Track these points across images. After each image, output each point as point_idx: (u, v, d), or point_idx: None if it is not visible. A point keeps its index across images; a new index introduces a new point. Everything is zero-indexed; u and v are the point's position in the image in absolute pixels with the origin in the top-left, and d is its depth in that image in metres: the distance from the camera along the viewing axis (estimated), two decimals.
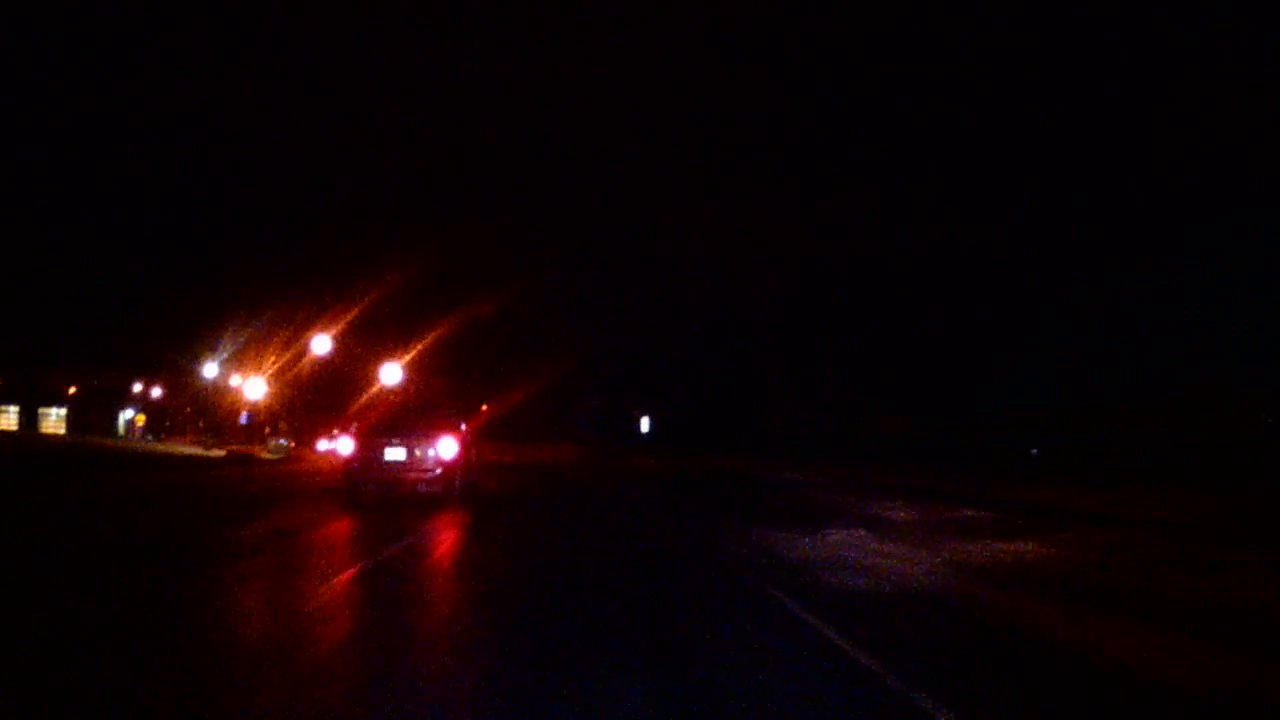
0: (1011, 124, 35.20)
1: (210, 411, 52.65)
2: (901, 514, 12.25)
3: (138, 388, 52.83)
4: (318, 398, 47.52)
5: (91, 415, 55.97)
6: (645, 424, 32.72)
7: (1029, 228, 32.44)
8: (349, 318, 38.55)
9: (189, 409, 53.38)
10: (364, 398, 42.07)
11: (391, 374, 34.97)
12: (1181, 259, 30.48)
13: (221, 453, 34.69)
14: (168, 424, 54.12)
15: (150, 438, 50.58)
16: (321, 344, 39.07)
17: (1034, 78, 35.84)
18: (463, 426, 14.05)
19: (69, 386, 53.55)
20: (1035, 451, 26.51)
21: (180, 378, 45.84)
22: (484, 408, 33.69)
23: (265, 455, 36.88)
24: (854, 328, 32.29)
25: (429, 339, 35.19)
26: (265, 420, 47.54)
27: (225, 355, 44.17)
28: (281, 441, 44.84)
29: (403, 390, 34.51)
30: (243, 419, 46.89)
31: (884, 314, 31.99)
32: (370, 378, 40.96)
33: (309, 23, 50.78)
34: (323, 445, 57.73)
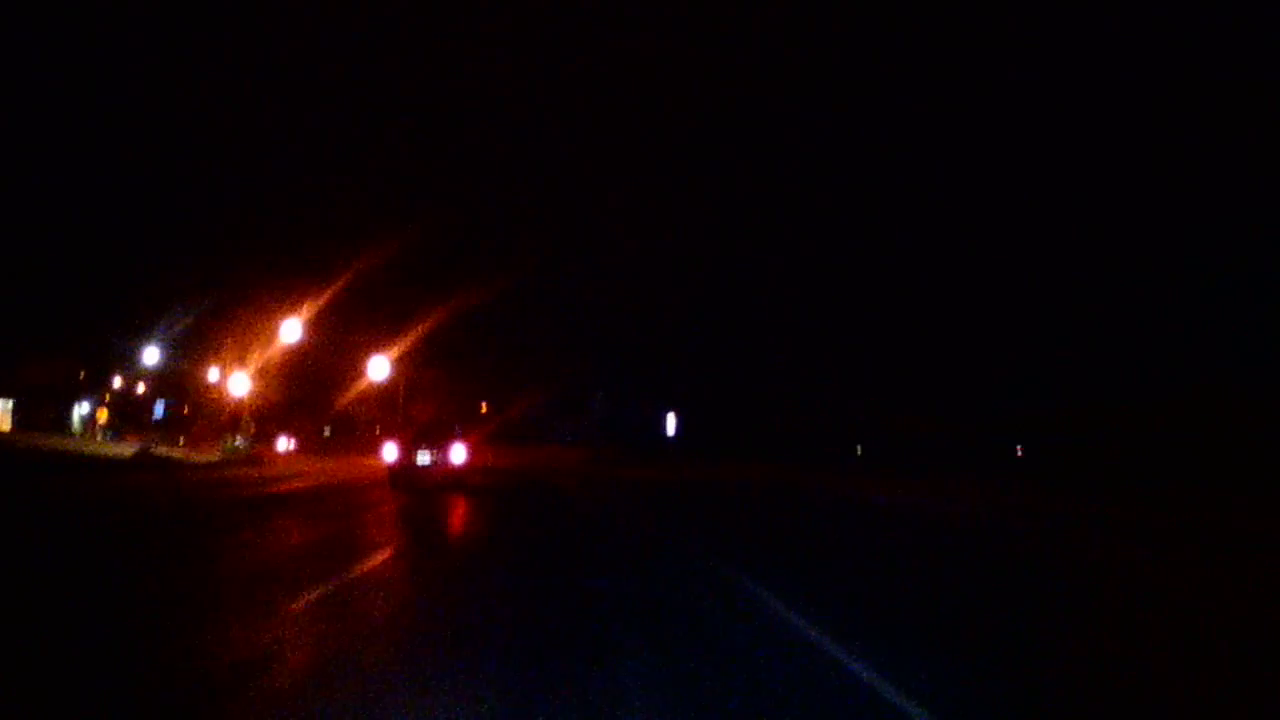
0: (1011, 124, 35.14)
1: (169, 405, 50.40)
2: None
3: (118, 382, 50.09)
4: (288, 391, 45.29)
5: (43, 409, 53.12)
6: (671, 423, 30.53)
7: (1030, 228, 32.42)
8: (324, 304, 36.20)
9: (142, 403, 51.06)
10: (349, 394, 40.32)
11: (379, 368, 33.08)
12: (1181, 259, 30.78)
13: (128, 453, 28.89)
14: (119, 420, 51.58)
15: (110, 434, 48.05)
16: (292, 331, 36.00)
17: (1034, 78, 35.83)
18: (465, 436, 19.75)
19: (27, 377, 50.56)
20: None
21: (148, 370, 43.49)
22: (483, 407, 32.49)
23: (208, 457, 33.41)
24: (862, 325, 31.84)
25: (419, 331, 33.43)
26: (231, 414, 45.43)
27: (175, 342, 41.53)
28: (239, 441, 42.27)
29: (391, 386, 33.13)
30: (157, 411, 43.65)
31: (892, 312, 31.62)
32: (350, 371, 39.29)
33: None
34: (283, 445, 54.98)
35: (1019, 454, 26.53)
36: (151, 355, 41.04)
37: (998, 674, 4.95)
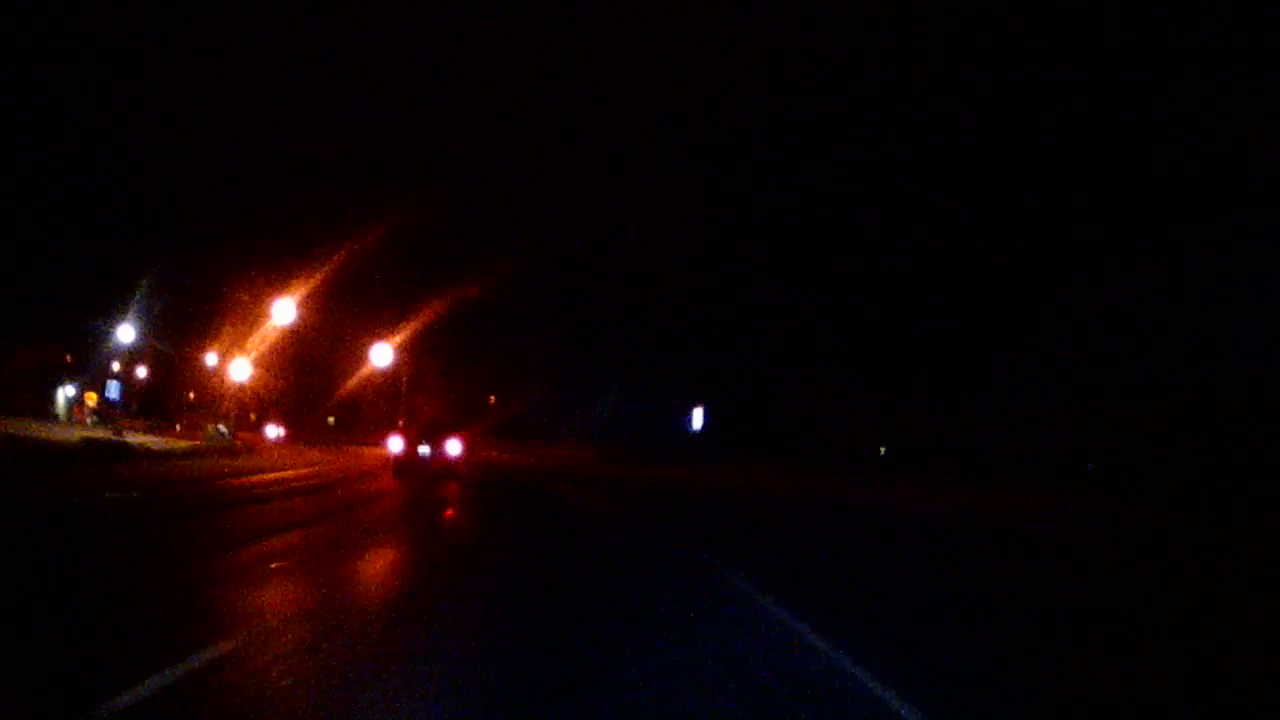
0: (1012, 124, 35.34)
1: (142, 389, 49.38)
2: None
3: (115, 366, 49.11)
4: (290, 378, 44.57)
5: (25, 392, 52.04)
6: (698, 419, 28.95)
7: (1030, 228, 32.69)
8: (329, 291, 35.14)
9: (136, 387, 50.11)
10: (352, 383, 39.73)
11: (382, 356, 32.38)
12: (1183, 259, 31.19)
13: (75, 438, 25.03)
14: (110, 404, 50.59)
15: (95, 419, 47.20)
16: (285, 311, 34.33)
17: (1034, 79, 36.05)
18: (462, 432, 22.58)
19: (9, 359, 49.46)
20: None
21: (144, 354, 42.66)
22: (491, 400, 32.24)
23: (185, 444, 32.23)
24: (895, 326, 31.62)
25: (425, 320, 32.87)
26: (229, 400, 44.74)
27: (172, 326, 40.50)
28: (221, 429, 41.43)
29: (395, 376, 32.77)
30: (111, 395, 42.40)
31: (927, 314, 31.51)
32: (354, 360, 38.79)
33: None
34: (272, 432, 53.77)
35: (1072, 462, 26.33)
36: (141, 338, 40.24)
37: None
